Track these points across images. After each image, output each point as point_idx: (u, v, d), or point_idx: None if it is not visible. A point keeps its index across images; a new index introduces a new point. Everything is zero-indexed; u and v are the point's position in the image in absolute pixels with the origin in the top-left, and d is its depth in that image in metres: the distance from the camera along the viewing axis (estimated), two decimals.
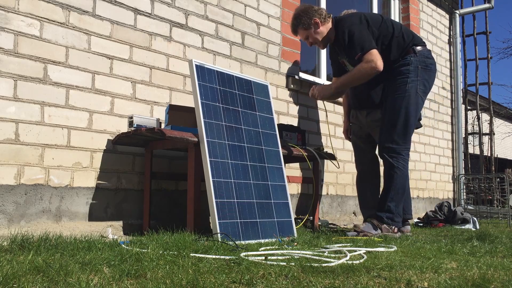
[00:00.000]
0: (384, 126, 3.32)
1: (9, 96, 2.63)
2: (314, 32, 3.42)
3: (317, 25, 3.39)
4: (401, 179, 3.22)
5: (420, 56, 3.28)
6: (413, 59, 3.28)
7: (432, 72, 3.35)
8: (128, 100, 3.16)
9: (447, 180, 6.65)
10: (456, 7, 7.17)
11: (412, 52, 3.28)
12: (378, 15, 3.59)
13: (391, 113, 3.30)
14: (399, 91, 3.27)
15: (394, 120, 3.27)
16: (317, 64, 4.94)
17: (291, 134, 3.60)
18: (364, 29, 3.26)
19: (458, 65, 6.92)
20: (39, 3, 2.78)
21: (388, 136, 3.28)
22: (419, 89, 3.26)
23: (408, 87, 3.24)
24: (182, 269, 1.60)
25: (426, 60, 3.30)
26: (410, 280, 1.52)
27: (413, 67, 3.27)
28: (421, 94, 3.27)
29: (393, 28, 3.34)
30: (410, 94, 3.24)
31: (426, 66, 3.30)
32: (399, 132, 3.24)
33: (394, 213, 3.23)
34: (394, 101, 3.30)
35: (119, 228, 3.05)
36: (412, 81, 3.25)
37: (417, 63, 3.27)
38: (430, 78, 3.33)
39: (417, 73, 3.26)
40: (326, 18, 3.42)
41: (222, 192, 2.67)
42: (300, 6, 3.57)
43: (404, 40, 3.31)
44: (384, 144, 3.30)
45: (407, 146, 3.27)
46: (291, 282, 1.47)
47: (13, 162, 2.62)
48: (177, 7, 3.50)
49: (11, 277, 1.37)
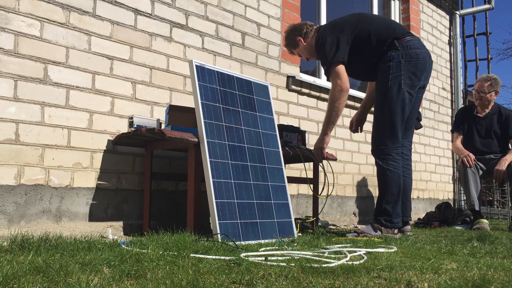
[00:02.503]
0: (373, 128, 3.32)
1: (9, 97, 2.63)
2: (300, 50, 3.46)
3: (300, 42, 3.41)
4: (394, 180, 3.21)
5: (402, 49, 3.18)
6: (394, 53, 3.18)
7: (419, 62, 3.21)
8: (128, 101, 3.16)
9: (447, 181, 6.65)
10: (456, 7, 7.17)
11: (393, 47, 3.20)
12: (358, 14, 3.48)
13: (376, 113, 3.29)
14: (382, 90, 3.23)
15: (380, 120, 3.25)
16: (317, 65, 4.94)
17: (291, 135, 3.60)
18: (333, 39, 3.19)
19: (458, 65, 6.92)
20: (40, 4, 2.78)
21: (376, 138, 3.28)
22: (405, 83, 3.16)
23: (390, 84, 3.17)
24: (182, 270, 1.60)
25: (409, 52, 3.18)
26: (410, 280, 1.51)
27: (394, 63, 3.17)
28: (407, 88, 3.17)
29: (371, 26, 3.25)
30: (393, 91, 3.16)
31: (411, 57, 3.18)
32: (386, 132, 3.22)
33: (392, 215, 3.22)
34: (377, 101, 3.28)
35: (119, 229, 3.05)
36: (395, 77, 3.16)
37: (399, 57, 3.17)
38: (418, 68, 3.20)
39: (400, 68, 3.16)
40: (308, 33, 3.40)
41: (222, 193, 2.67)
42: (287, 28, 3.57)
43: (383, 37, 3.22)
44: (373, 147, 3.31)
45: (395, 145, 3.23)
46: (291, 283, 1.47)
47: (13, 162, 2.62)
48: (177, 8, 3.51)
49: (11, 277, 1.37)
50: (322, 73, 4.90)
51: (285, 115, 4.26)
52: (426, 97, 6.28)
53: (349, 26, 3.25)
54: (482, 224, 4.24)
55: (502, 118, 4.69)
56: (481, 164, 4.58)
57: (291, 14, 4.47)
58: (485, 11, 7.52)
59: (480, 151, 4.64)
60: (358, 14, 3.47)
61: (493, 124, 4.69)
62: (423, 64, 3.24)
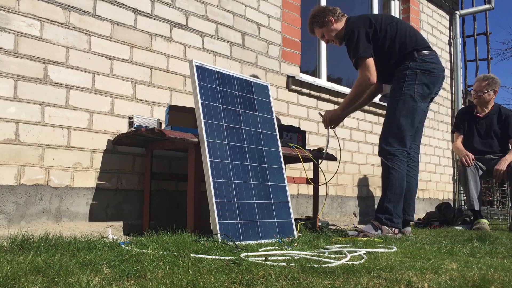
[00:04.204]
0: (382, 131, 3.40)
1: (10, 97, 2.63)
2: (328, 30, 3.53)
3: (331, 23, 3.50)
4: (397, 180, 3.25)
5: (420, 61, 3.33)
6: (412, 64, 3.32)
7: (434, 76, 3.36)
8: (128, 101, 3.16)
9: (447, 181, 6.65)
10: (457, 7, 7.17)
11: (412, 57, 3.33)
12: (390, 16, 3.63)
13: (387, 116, 3.41)
14: (395, 95, 3.35)
15: (389, 123, 3.36)
16: (317, 65, 4.94)
17: (291, 135, 3.60)
18: (363, 33, 3.30)
19: (458, 66, 6.92)
20: (40, 4, 2.78)
21: (384, 138, 3.36)
22: (417, 92, 3.30)
23: (404, 91, 3.31)
24: (182, 270, 1.60)
25: (425, 65, 3.33)
26: (410, 280, 1.51)
27: (410, 72, 3.31)
28: (418, 97, 3.30)
29: (397, 31, 3.37)
30: (405, 98, 3.29)
31: (427, 70, 3.32)
32: (394, 134, 3.31)
33: (393, 214, 3.24)
34: (390, 105, 3.40)
35: (119, 229, 3.05)
36: (409, 85, 3.29)
37: (415, 67, 3.32)
38: (431, 81, 3.34)
39: (415, 77, 3.31)
40: (339, 17, 3.52)
41: (222, 193, 2.67)
42: (315, 7, 3.69)
43: (406, 45, 3.36)
44: (380, 146, 3.37)
45: (403, 148, 3.31)
46: (291, 283, 1.47)
47: (13, 163, 2.62)
48: (177, 8, 3.51)
49: (11, 277, 1.37)
50: (322, 73, 4.90)
51: (285, 115, 4.26)
52: None
53: (379, 25, 3.36)
54: (482, 224, 4.24)
55: (502, 118, 4.70)
56: (481, 164, 4.58)
57: (291, 14, 4.47)
58: (485, 11, 7.52)
59: (480, 151, 4.64)
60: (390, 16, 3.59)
61: (493, 124, 4.70)
62: (436, 78, 3.39)
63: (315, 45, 4.94)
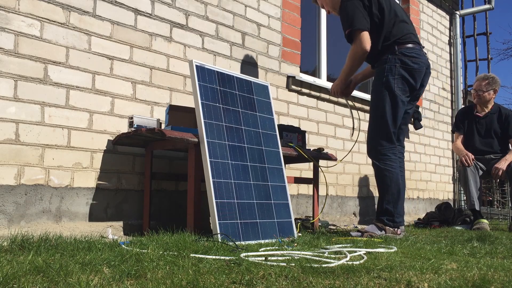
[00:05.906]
0: (368, 129, 3.36)
1: (10, 96, 2.63)
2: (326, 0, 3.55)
3: None
4: (392, 180, 3.22)
5: (399, 54, 3.24)
6: (391, 57, 3.25)
7: (414, 70, 3.26)
8: (128, 101, 3.16)
9: (447, 181, 6.65)
10: (457, 8, 7.17)
11: (392, 50, 3.25)
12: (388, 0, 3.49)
13: (370, 114, 3.36)
14: (375, 92, 3.31)
15: (374, 121, 3.31)
16: (317, 65, 4.94)
17: (291, 135, 3.60)
18: (359, 6, 3.21)
19: (458, 66, 6.92)
20: (40, 4, 2.78)
21: (371, 139, 3.31)
22: (397, 88, 3.22)
23: (384, 86, 3.24)
24: (182, 270, 1.60)
25: (403, 59, 3.23)
26: (410, 280, 1.52)
27: (389, 66, 3.24)
28: (399, 92, 3.22)
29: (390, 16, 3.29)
30: (385, 94, 3.23)
31: (406, 64, 3.23)
32: (381, 133, 3.26)
33: (394, 215, 3.23)
34: (372, 102, 3.35)
35: (119, 229, 3.05)
36: (388, 80, 3.22)
37: (394, 61, 3.24)
38: (411, 75, 3.25)
39: (394, 72, 3.23)
40: None
41: (222, 193, 2.67)
42: None
43: (390, 33, 3.27)
44: (368, 147, 3.33)
45: (391, 145, 3.25)
46: (291, 283, 1.47)
47: (13, 162, 2.62)
48: (177, 8, 3.51)
49: (11, 277, 1.37)
50: (322, 73, 4.90)
51: (285, 115, 4.26)
52: (426, 97, 6.28)
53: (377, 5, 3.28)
54: (482, 224, 4.24)
55: (502, 118, 4.70)
56: (481, 164, 4.58)
57: (291, 14, 4.47)
58: (485, 11, 7.52)
59: (480, 151, 4.65)
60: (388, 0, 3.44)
61: (493, 123, 4.70)
62: (418, 73, 3.29)
63: (315, 45, 4.94)
